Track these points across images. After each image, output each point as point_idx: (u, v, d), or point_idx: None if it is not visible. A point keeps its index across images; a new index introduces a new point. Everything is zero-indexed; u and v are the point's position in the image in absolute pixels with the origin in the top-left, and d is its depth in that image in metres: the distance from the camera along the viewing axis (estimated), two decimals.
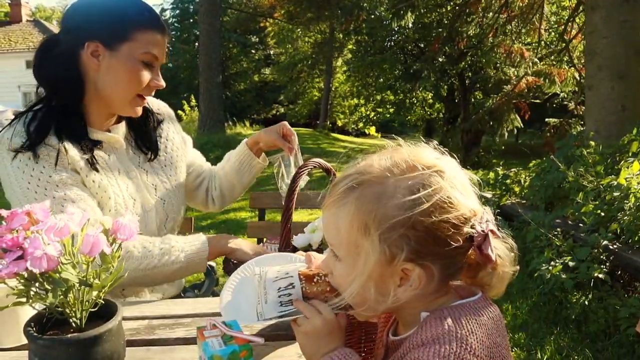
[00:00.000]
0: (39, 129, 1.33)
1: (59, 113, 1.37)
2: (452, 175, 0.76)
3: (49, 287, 0.81)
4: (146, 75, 1.40)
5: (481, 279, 0.81)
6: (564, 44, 9.39)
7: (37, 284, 0.82)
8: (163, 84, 1.46)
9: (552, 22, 12.52)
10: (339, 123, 26.06)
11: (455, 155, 0.81)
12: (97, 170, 1.40)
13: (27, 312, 0.94)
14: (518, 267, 0.82)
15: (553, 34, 12.65)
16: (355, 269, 0.76)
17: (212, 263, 1.81)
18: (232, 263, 1.45)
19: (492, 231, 0.77)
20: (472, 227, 0.75)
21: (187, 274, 1.46)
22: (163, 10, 28.93)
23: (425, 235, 0.72)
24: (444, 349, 0.69)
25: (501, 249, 0.79)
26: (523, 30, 10.68)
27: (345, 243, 0.77)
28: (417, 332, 0.74)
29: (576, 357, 2.63)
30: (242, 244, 1.48)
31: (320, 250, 1.39)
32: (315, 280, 0.84)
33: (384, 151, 0.81)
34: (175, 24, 28.60)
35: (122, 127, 1.52)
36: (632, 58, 5.54)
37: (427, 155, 0.78)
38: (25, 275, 0.80)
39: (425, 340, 0.71)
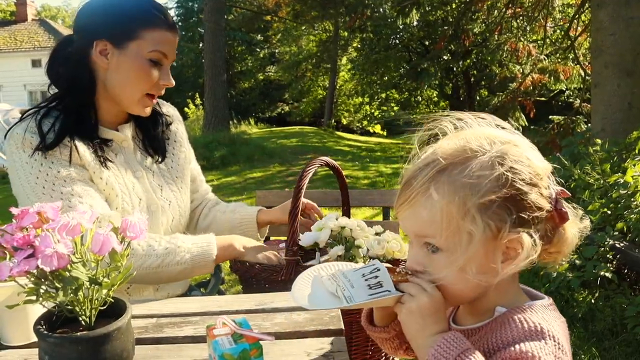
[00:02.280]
0: (57, 130, 1.35)
1: (72, 111, 1.38)
2: (522, 142, 0.79)
3: (59, 286, 0.82)
4: (155, 74, 1.41)
5: (556, 243, 0.80)
6: (569, 42, 9.33)
7: (47, 282, 0.82)
8: (172, 82, 1.46)
9: (558, 19, 12.45)
10: (344, 121, 25.99)
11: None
12: (106, 167, 1.41)
13: (37, 310, 0.95)
14: (588, 222, 0.82)
15: (558, 31, 12.58)
16: (458, 253, 0.75)
17: None
18: (238, 262, 1.45)
19: (562, 190, 0.79)
20: (548, 187, 0.77)
21: (193, 275, 1.44)
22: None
23: (519, 203, 0.74)
24: (543, 343, 0.70)
25: None
26: (528, 28, 10.63)
27: (445, 230, 0.75)
28: (504, 328, 0.74)
29: (583, 355, 2.62)
30: (248, 245, 1.47)
31: (326, 249, 1.39)
32: (397, 270, 0.81)
33: (447, 137, 0.82)
34: (180, 23, 28.60)
35: (130, 126, 1.52)
36: (638, 55, 5.50)
37: (495, 131, 0.81)
38: (36, 274, 0.81)
39: (518, 338, 0.72)
